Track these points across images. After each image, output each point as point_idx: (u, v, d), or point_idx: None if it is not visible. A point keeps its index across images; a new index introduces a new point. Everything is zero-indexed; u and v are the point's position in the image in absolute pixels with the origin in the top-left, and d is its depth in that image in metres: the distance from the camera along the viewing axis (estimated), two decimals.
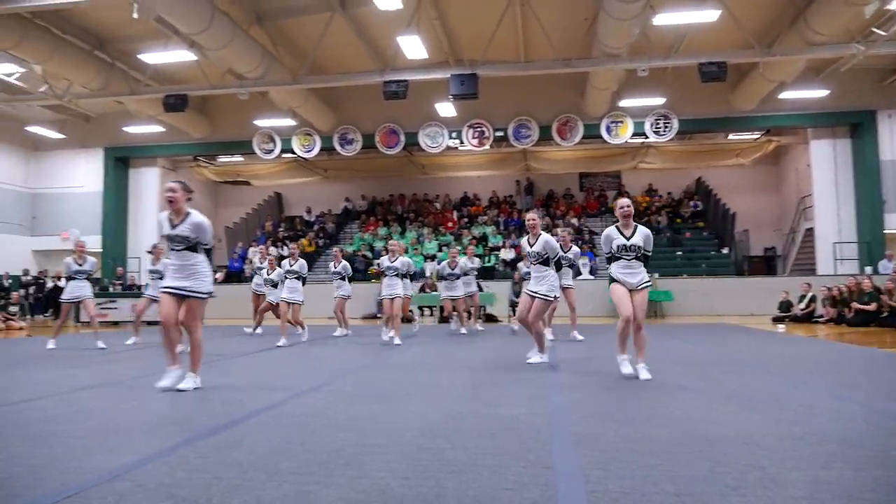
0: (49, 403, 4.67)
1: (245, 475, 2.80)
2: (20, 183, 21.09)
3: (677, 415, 4.00)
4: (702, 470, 2.81)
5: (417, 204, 24.47)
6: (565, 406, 4.37)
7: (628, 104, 17.84)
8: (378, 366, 6.83)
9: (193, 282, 5.17)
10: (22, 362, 7.66)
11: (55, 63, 14.56)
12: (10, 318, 15.50)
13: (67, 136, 20.76)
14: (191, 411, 4.29)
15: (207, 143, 20.75)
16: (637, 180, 23.78)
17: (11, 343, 11.36)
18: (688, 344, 9.08)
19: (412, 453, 3.14)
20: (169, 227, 5.21)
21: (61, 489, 2.63)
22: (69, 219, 21.01)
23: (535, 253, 6.64)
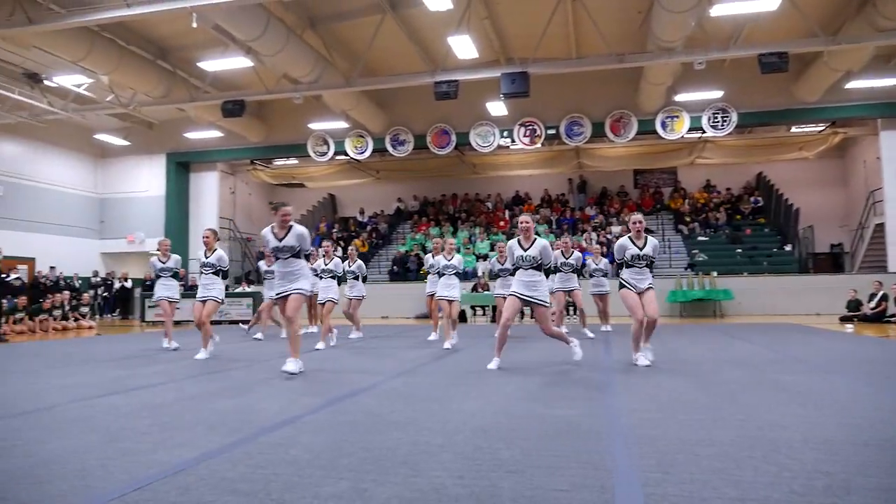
0: (119, 400, 4.88)
1: (302, 472, 2.85)
2: (89, 188, 22.10)
3: (739, 417, 3.87)
4: (766, 475, 2.71)
5: (469, 203, 24.48)
6: (622, 407, 4.29)
7: (684, 98, 17.39)
8: (431, 366, 6.86)
9: (297, 283, 6.13)
10: (93, 360, 8.03)
11: (121, 73, 15.20)
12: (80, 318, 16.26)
13: (132, 143, 21.63)
14: (250, 409, 4.40)
15: (264, 147, 21.28)
16: (694, 176, 23.16)
17: (83, 342, 11.91)
18: (749, 344, 8.79)
19: (467, 453, 3.13)
20: (276, 241, 6.15)
21: (130, 482, 2.74)
22: (134, 222, 21.92)
23: (529, 257, 6.36)
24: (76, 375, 6.43)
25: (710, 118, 17.30)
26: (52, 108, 17.22)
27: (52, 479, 2.79)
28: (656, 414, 4.03)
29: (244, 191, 24.42)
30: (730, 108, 17.18)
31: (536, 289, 6.38)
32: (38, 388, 5.55)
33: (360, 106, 18.05)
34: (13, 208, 19.02)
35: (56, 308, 15.36)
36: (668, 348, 8.36)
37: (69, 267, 19.80)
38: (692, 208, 21.99)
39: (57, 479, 2.79)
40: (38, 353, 9.22)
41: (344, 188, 25.52)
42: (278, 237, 6.15)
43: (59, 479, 2.79)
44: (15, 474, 2.89)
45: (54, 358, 8.45)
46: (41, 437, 3.61)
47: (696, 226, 21.07)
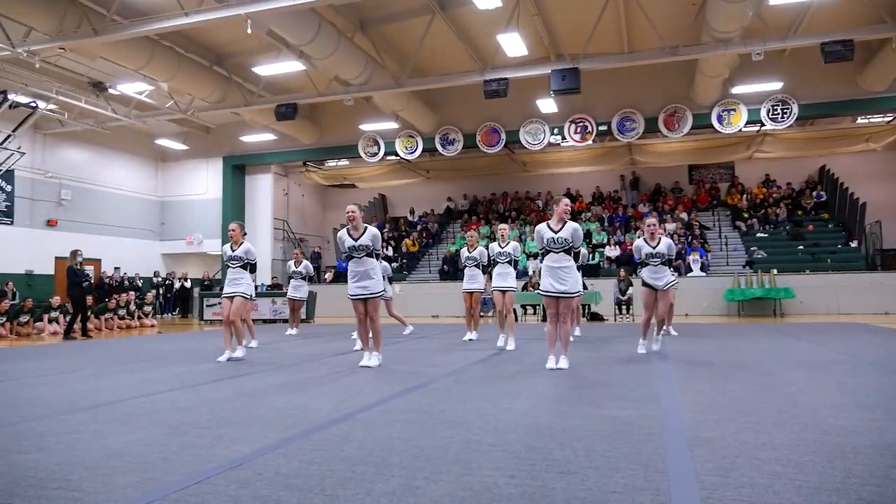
0: (180, 395, 5.05)
1: (355, 468, 2.89)
2: (150, 192, 22.97)
3: (802, 420, 3.73)
4: (832, 480, 2.61)
5: (519, 202, 24.35)
6: (679, 407, 4.19)
7: (741, 91, 16.86)
8: (481, 365, 6.85)
9: (371, 283, 6.61)
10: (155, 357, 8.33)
11: (179, 80, 15.73)
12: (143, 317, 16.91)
13: (190, 147, 22.38)
14: (304, 406, 4.49)
15: (315, 149, 21.67)
16: (752, 171, 22.44)
17: (145, 339, 12.38)
18: (813, 344, 8.46)
19: (519, 452, 3.12)
20: (351, 241, 6.62)
21: (191, 475, 2.83)
22: (193, 224, 22.66)
23: (561, 239, 6.13)
24: (140, 372, 6.69)
25: (769, 110, 16.73)
26: (115, 115, 17.96)
27: (116, 472, 2.91)
28: (713, 415, 3.92)
29: (297, 192, 24.93)
30: (790, 99, 16.57)
31: (565, 280, 6.09)
32: (106, 384, 5.80)
33: (409, 106, 18.18)
34: (80, 212, 19.94)
35: (121, 307, 16.02)
36: (726, 348, 8.13)
37: (132, 267, 20.62)
38: (750, 204, 21.32)
39: (121, 472, 2.91)
40: (104, 351, 9.64)
41: (394, 188, 25.76)
42: (353, 237, 6.62)
43: (124, 472, 2.91)
44: (81, 465, 3.02)
45: (120, 355, 8.81)
46: (107, 431, 3.77)
47: (755, 222, 20.42)
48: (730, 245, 19.39)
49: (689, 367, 6.37)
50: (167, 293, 21.74)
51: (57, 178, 19.40)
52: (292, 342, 10.47)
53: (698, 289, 17.08)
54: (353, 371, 6.45)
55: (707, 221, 21.05)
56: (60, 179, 19.51)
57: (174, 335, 13.44)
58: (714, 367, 6.30)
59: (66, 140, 19.75)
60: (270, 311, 17.41)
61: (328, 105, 19.99)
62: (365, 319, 6.77)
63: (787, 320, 14.72)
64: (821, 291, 16.58)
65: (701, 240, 19.36)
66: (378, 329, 6.80)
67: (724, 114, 17.21)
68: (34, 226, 18.68)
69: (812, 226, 19.82)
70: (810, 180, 21.79)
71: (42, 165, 19.02)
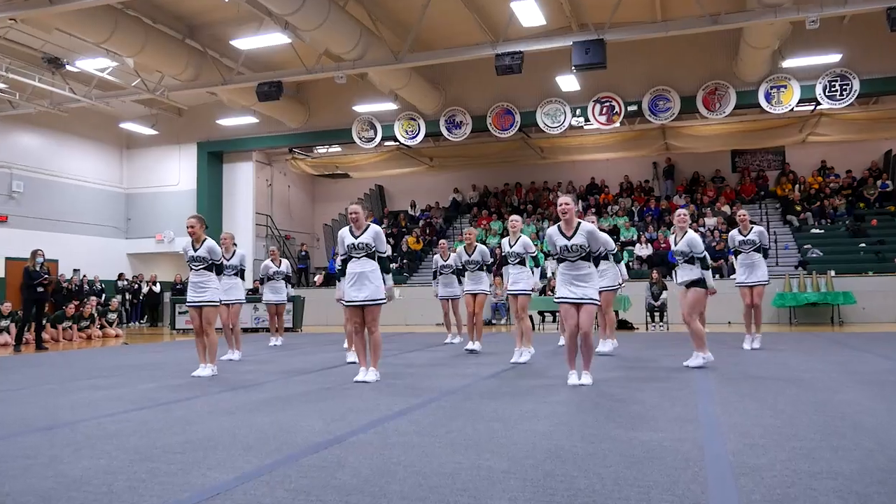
0: (148, 415, 5.07)
1: (349, 498, 2.90)
2: (115, 183, 23.06)
3: (866, 445, 3.71)
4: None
5: (536, 193, 24.34)
6: (722, 430, 4.18)
7: (793, 64, 16.78)
8: (493, 379, 6.85)
9: (371, 291, 6.68)
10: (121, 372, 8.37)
11: (147, 55, 15.76)
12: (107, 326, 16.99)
13: (160, 132, 22.45)
14: (290, 427, 4.50)
15: (303, 134, 21.69)
16: (806, 157, 22.34)
17: (109, 352, 12.43)
18: (877, 357, 8.42)
19: (537, 480, 3.12)
20: (352, 238, 6.78)
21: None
22: (163, 219, 22.73)
23: (576, 246, 6.16)
24: (104, 388, 6.72)
25: (825, 87, 16.64)
26: (74, 96, 18.04)
27: (76, 503, 2.92)
28: (761, 439, 3.91)
29: (282, 183, 24.99)
30: (850, 73, 16.48)
31: (585, 285, 6.14)
32: (64, 402, 5.82)
33: (410, 85, 18.18)
34: (34, 206, 20.02)
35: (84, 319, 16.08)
36: (776, 361, 8.10)
37: (93, 269, 20.69)
38: (804, 195, 21.24)
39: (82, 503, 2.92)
40: (63, 364, 9.68)
41: (393, 178, 25.78)
42: (354, 234, 6.80)
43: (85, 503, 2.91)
44: (36, 495, 3.03)
45: (80, 369, 8.85)
46: (66, 455, 3.78)
47: (809, 216, 20.34)
48: (780, 242, 19.31)
49: (733, 383, 6.34)
50: (134, 299, 21.83)
51: (7, 167, 19.50)
52: (276, 353, 10.50)
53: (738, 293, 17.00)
54: (347, 387, 6.46)
55: (753, 215, 20.96)
56: (11, 169, 19.61)
57: (142, 346, 13.50)
58: (762, 383, 6.28)
59: (17, 124, 19.84)
60: (252, 320, 17.46)
61: (318, 84, 20.01)
62: (362, 329, 6.86)
63: (847, 329, 14.65)
64: (886, 296, 16.48)
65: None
66: (378, 341, 6.91)
67: (773, 91, 17.13)
68: None
69: (876, 220, 19.71)
70: (874, 167, 21.68)
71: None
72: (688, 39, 16.35)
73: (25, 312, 13.12)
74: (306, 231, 26.12)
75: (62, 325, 15.43)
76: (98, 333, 16.37)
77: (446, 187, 25.46)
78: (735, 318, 16.57)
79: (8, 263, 18.78)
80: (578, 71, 15.36)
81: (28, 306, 12.97)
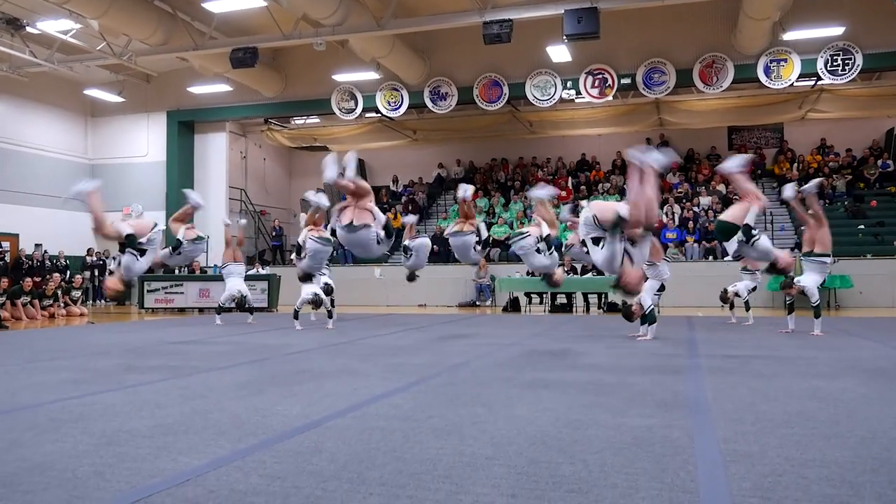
0: (116, 398, 5.05)
1: (326, 485, 2.91)
2: (79, 153, 22.75)
3: (860, 433, 3.78)
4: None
5: (524, 169, 24.33)
6: (713, 417, 4.24)
7: (794, 37, 16.82)
8: (476, 363, 6.89)
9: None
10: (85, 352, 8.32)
11: (112, 17, 15.50)
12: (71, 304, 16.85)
13: (127, 100, 22.12)
14: (265, 411, 4.51)
15: (280, 104, 21.49)
16: (805, 134, 22.48)
17: (73, 331, 12.35)
18: (873, 343, 8.55)
19: (521, 467, 3.15)
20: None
21: (129, 492, 2.84)
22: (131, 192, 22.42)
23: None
24: (68, 370, 6.68)
25: (827, 61, 16.71)
26: (35, 59, 17.73)
27: (39, 488, 2.91)
28: (753, 426, 3.96)
29: (257, 155, 24.80)
30: (853, 47, 16.55)
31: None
32: (25, 383, 5.79)
33: (393, 53, 18.04)
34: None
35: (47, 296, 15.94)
36: (769, 346, 8.20)
37: (56, 244, 20.46)
38: (802, 174, 21.38)
39: (45, 488, 2.91)
40: (23, 344, 9.61)
41: (375, 152, 25.64)
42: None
43: (48, 488, 2.91)
44: (1, 480, 3.02)
45: (42, 349, 8.79)
46: (27, 439, 3.77)
47: None
48: (776, 223, 19.46)
49: (725, 368, 6.42)
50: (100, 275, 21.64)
51: None
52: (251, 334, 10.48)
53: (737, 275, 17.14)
54: (324, 370, 6.47)
55: None
56: None
57: (108, 325, 13.43)
58: (754, 368, 6.36)
59: None
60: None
61: (295, 50, 19.80)
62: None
63: (844, 314, 14.84)
64: (885, 280, 16.69)
65: None
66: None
67: (773, 65, 17.17)
68: None
69: (876, 201, 19.91)
70: (875, 146, 21.86)
71: None
72: (685, 9, 16.32)
73: None
74: (283, 206, 25.98)
75: (20, 300, 15.25)
76: (62, 312, 16.23)
77: (430, 162, 25.38)
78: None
79: None
80: (570, 41, 15.31)
81: None
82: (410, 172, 25.36)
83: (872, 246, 18.00)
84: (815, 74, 17.18)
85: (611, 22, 15.32)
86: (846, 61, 16.65)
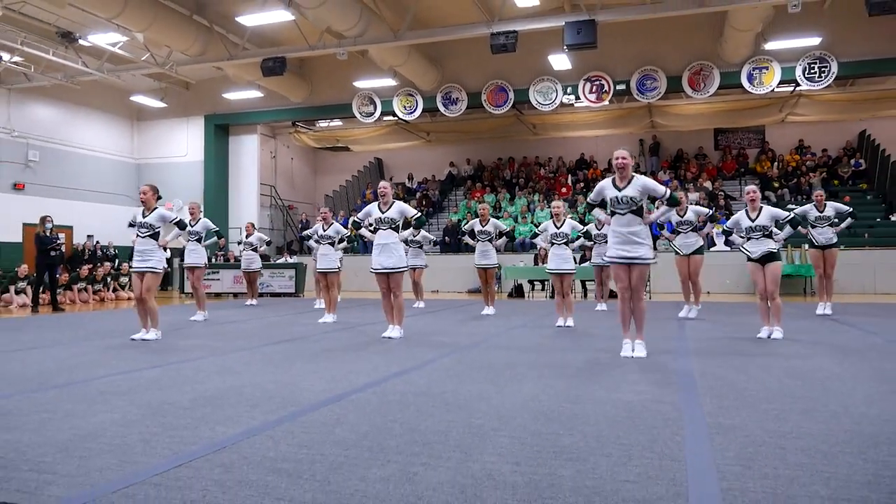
0: (159, 373, 5.09)
1: (348, 453, 2.93)
2: (126, 153, 22.87)
3: (833, 408, 3.76)
4: (863, 473, 2.63)
5: (528, 168, 24.24)
6: (699, 393, 4.22)
7: (775, 47, 16.64)
8: (485, 344, 6.89)
9: (395, 260, 7.32)
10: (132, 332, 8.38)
11: (156, 30, 15.54)
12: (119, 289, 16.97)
13: (169, 105, 22.21)
14: (293, 386, 4.53)
15: (306, 108, 21.51)
16: (785, 136, 22.26)
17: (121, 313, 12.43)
18: (846, 327, 8.49)
19: (524, 438, 3.15)
20: (379, 213, 7.41)
21: (172, 458, 2.86)
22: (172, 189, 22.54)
23: (626, 198, 5.83)
24: (116, 348, 6.74)
25: (805, 69, 16.53)
26: (87, 69, 17.79)
27: (92, 454, 2.95)
28: (735, 402, 3.95)
29: (286, 155, 24.82)
30: (829, 56, 16.37)
31: (639, 245, 5.75)
32: (78, 360, 5.84)
33: (409, 62, 17.99)
34: (49, 175, 19.87)
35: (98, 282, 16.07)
36: (751, 329, 8.16)
37: (106, 236, 20.61)
38: (782, 172, 21.22)
39: (97, 454, 2.94)
40: (77, 325, 9.69)
41: (392, 152, 25.62)
42: (381, 209, 7.42)
43: (100, 454, 2.94)
44: (54, 446, 3.06)
45: (94, 329, 8.86)
46: (81, 410, 3.81)
47: (786, 192, 20.34)
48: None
49: (710, 349, 6.40)
50: None
51: (24, 137, 19.30)
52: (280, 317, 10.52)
53: (721, 265, 17.07)
54: (345, 349, 6.49)
55: (733, 191, 20.96)
56: (28, 139, 19.42)
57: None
58: (736, 349, 6.33)
59: (33, 96, 19.61)
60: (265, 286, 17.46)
61: (320, 60, 19.78)
62: (388, 294, 7.47)
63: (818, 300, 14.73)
64: (856, 269, 16.56)
65: (726, 211, 19.29)
66: (401, 304, 7.51)
67: (756, 72, 17.01)
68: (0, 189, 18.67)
69: (849, 196, 19.69)
70: (849, 147, 21.64)
71: (7, 124, 18.92)
72: (675, 21, 16.18)
73: (39, 275, 13.16)
74: (308, 201, 26.01)
75: (77, 286, 15.40)
76: (111, 296, 16.36)
77: (442, 161, 25.33)
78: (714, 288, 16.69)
79: (25, 229, 18.69)
80: (570, 50, 15.20)
81: (41, 270, 13.01)
82: (424, 170, 25.33)
83: (845, 237, 17.78)
84: (794, 81, 17.01)
85: (607, 33, 15.20)
86: (823, 69, 16.46)
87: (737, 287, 17.27)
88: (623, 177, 5.89)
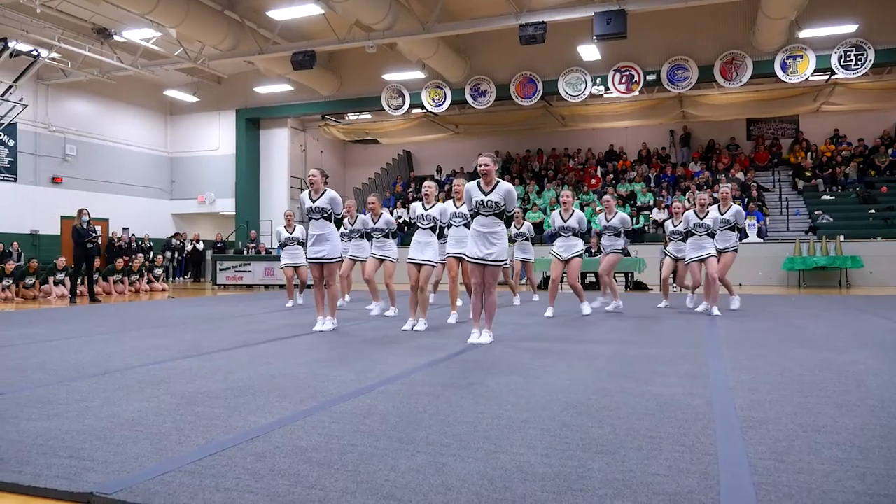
0: (193, 363, 5.17)
1: (378, 443, 2.94)
2: (160, 147, 23.24)
3: (870, 402, 3.68)
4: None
5: (556, 159, 24.08)
6: (731, 386, 4.16)
7: (810, 34, 16.28)
8: (511, 336, 6.88)
9: (430, 255, 7.57)
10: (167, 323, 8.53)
11: (188, 25, 15.73)
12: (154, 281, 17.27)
13: (202, 99, 22.50)
14: (324, 377, 4.56)
15: (335, 101, 21.63)
16: (819, 125, 21.79)
17: (156, 304, 12.66)
18: (882, 320, 8.30)
19: (554, 430, 3.13)
20: (422, 209, 7.65)
21: (206, 446, 2.90)
22: (205, 182, 22.92)
23: (491, 202, 6.03)
24: (151, 338, 6.86)
25: (841, 57, 16.14)
26: (121, 65, 18.10)
27: (128, 441, 3.00)
28: (768, 395, 3.88)
29: (315, 148, 24.99)
30: (866, 44, 15.96)
31: (494, 245, 5.98)
32: (115, 350, 5.96)
33: (437, 54, 17.96)
34: (86, 168, 20.28)
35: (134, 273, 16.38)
36: (784, 322, 8.02)
37: (141, 228, 21.00)
38: (816, 163, 20.77)
39: (133, 441, 3.00)
40: (113, 315, 9.89)
41: (420, 144, 25.65)
42: (425, 207, 7.61)
43: (136, 441, 3.00)
44: (92, 434, 3.12)
45: (129, 320, 9.03)
46: (118, 398, 3.88)
47: (821, 183, 19.92)
48: (791, 208, 18.99)
49: (743, 342, 6.30)
50: (178, 255, 22.15)
51: (61, 132, 19.71)
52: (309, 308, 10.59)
53: (754, 257, 16.80)
54: (375, 341, 6.52)
55: (767, 182, 20.59)
56: (65, 133, 19.82)
57: (186, 300, 13.73)
58: (770, 342, 6.23)
59: (70, 91, 19.99)
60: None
61: (349, 53, 19.85)
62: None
63: (854, 292, 14.45)
64: (893, 261, 16.19)
65: (759, 202, 18.97)
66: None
67: (789, 61, 16.66)
68: (39, 183, 19.08)
69: (886, 187, 19.26)
70: (886, 136, 21.10)
71: (45, 119, 19.32)
72: (707, 10, 15.93)
73: (76, 267, 13.42)
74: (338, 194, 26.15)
75: (113, 277, 15.70)
76: (146, 287, 16.65)
77: (471, 153, 25.20)
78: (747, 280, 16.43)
79: (63, 222, 19.11)
80: (600, 41, 15.05)
81: (79, 261, 13.26)
82: (452, 163, 25.29)
83: (882, 229, 17.44)
84: (829, 69, 16.64)
85: (637, 23, 15.01)
86: (859, 57, 16.06)
87: (769, 279, 16.99)
88: (488, 182, 6.11)
